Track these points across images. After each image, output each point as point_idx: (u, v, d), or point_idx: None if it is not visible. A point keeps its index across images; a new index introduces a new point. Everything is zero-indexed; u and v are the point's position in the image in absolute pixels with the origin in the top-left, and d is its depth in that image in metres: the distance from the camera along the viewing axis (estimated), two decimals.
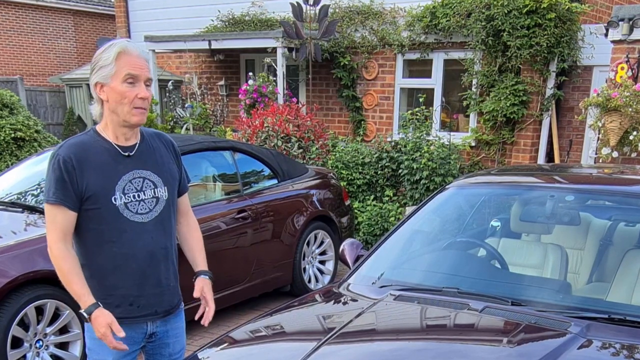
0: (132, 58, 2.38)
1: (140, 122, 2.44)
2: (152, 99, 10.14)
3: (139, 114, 2.41)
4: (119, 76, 2.36)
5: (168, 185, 2.56)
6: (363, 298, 2.71)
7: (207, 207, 5.10)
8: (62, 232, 2.39)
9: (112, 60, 2.36)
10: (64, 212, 2.37)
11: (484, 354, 2.21)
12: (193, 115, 9.93)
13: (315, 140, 8.31)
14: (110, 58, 2.37)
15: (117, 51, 2.37)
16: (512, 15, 7.84)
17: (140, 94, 2.38)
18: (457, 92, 9.01)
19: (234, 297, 5.28)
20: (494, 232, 3.41)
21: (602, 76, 7.74)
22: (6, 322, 3.83)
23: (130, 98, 2.37)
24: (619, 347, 2.18)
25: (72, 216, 2.39)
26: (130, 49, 2.40)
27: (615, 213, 3.22)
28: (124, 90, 2.37)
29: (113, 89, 2.38)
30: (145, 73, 2.40)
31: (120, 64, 2.36)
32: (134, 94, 2.38)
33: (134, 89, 2.38)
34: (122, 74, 2.36)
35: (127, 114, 2.40)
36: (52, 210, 2.39)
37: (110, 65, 2.37)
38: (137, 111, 2.40)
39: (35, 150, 8.70)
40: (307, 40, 8.96)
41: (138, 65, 2.39)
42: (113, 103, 2.40)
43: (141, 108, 2.41)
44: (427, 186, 7.48)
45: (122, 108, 2.39)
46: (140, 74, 2.38)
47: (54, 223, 2.39)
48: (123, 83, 2.36)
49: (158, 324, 2.60)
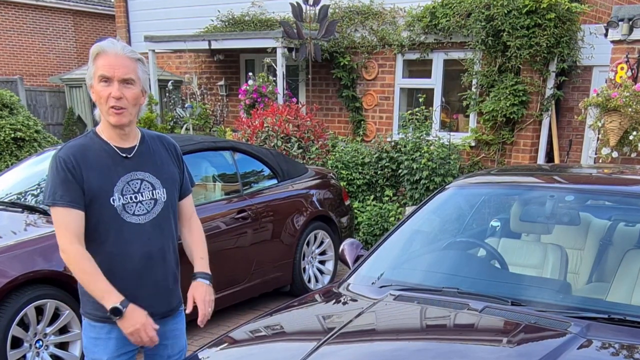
0: (108, 58, 2.36)
1: (117, 122, 2.40)
2: (152, 99, 10.17)
3: (114, 114, 2.38)
4: (96, 76, 2.37)
5: (167, 187, 2.56)
6: (363, 298, 2.71)
7: (207, 207, 5.10)
8: (75, 234, 2.37)
9: (92, 60, 2.39)
10: (75, 213, 2.37)
11: (484, 354, 2.21)
12: (193, 115, 9.93)
13: (315, 140, 8.31)
14: (90, 59, 2.40)
15: (94, 52, 2.38)
16: (512, 16, 7.84)
17: (113, 93, 2.35)
18: (456, 92, 9.01)
19: (233, 297, 5.28)
20: (494, 232, 3.41)
21: (601, 76, 7.74)
22: (6, 322, 3.83)
23: (105, 97, 2.36)
24: (618, 347, 2.18)
25: (82, 216, 2.39)
26: (108, 48, 2.37)
27: (615, 213, 3.22)
28: (99, 90, 2.37)
29: (94, 89, 2.40)
30: (118, 73, 2.35)
31: (97, 64, 2.37)
32: (107, 93, 2.36)
33: (107, 89, 2.36)
34: (97, 74, 2.37)
35: (106, 114, 2.41)
36: (61, 213, 2.37)
37: (91, 66, 2.39)
38: (112, 111, 2.38)
39: (35, 150, 8.69)
40: (306, 41, 8.97)
41: (111, 65, 2.35)
42: (97, 103, 2.42)
43: (115, 107, 2.37)
44: (427, 186, 7.48)
45: (101, 107, 2.41)
46: (112, 75, 2.35)
47: (65, 226, 2.36)
48: (99, 83, 2.37)
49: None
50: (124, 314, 2.36)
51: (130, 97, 2.39)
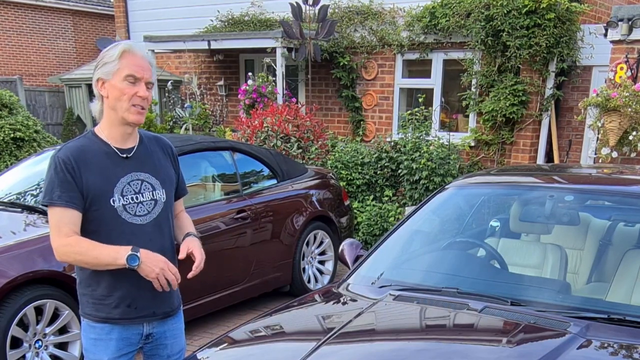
0: (136, 58, 2.40)
1: (137, 121, 2.44)
2: (151, 100, 10.17)
3: (136, 113, 2.41)
4: (120, 74, 2.37)
5: (166, 188, 2.57)
6: (362, 298, 2.71)
7: (207, 207, 5.10)
8: (72, 230, 2.37)
9: (117, 57, 2.38)
10: (71, 213, 2.37)
11: (484, 354, 2.21)
12: (192, 115, 9.93)
13: (314, 140, 8.31)
14: (115, 55, 2.39)
15: (122, 49, 2.39)
16: (512, 16, 7.85)
17: (140, 93, 2.39)
18: (456, 92, 9.01)
19: (233, 297, 5.28)
20: (494, 232, 3.41)
21: (601, 76, 7.74)
22: (5, 322, 3.83)
23: (130, 95, 2.38)
24: (618, 347, 2.18)
25: (79, 216, 2.39)
26: (136, 49, 2.42)
27: (615, 213, 3.22)
28: (123, 87, 2.38)
29: (113, 86, 2.39)
30: (146, 75, 2.41)
31: (123, 62, 2.38)
32: (134, 92, 2.38)
33: (134, 87, 2.39)
34: (124, 73, 2.37)
35: (126, 111, 2.41)
36: (59, 213, 2.37)
37: (114, 62, 2.38)
38: (135, 109, 2.40)
39: (34, 150, 8.69)
40: (306, 41, 8.96)
41: (141, 66, 2.40)
42: (112, 100, 2.40)
43: (139, 106, 2.41)
44: (427, 186, 7.48)
45: (120, 105, 2.40)
46: (141, 76, 2.39)
47: (60, 225, 2.37)
48: (123, 81, 2.38)
49: (155, 325, 2.59)
50: (140, 260, 2.35)
51: (149, 99, 2.46)
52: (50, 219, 2.40)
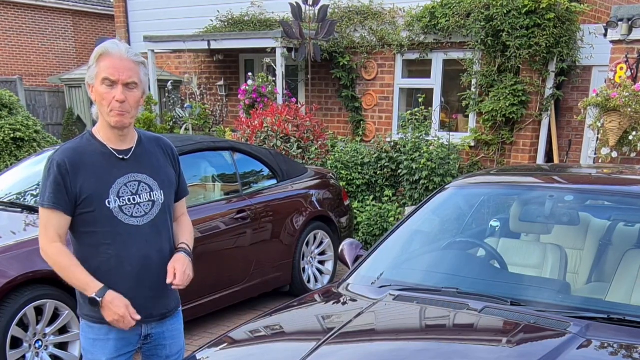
0: (112, 60, 2.36)
1: (118, 123, 2.40)
2: (151, 99, 10.17)
3: (116, 116, 2.39)
4: (99, 78, 2.37)
5: (164, 189, 2.56)
6: (362, 298, 2.71)
7: (207, 207, 5.10)
8: (57, 234, 2.40)
9: (94, 61, 2.38)
10: (59, 215, 2.39)
11: (484, 354, 2.21)
12: (192, 115, 9.93)
13: (314, 140, 8.31)
14: (93, 59, 2.39)
15: (98, 53, 2.38)
16: (511, 16, 7.85)
17: (117, 97, 2.35)
18: (456, 92, 9.01)
19: (233, 297, 5.28)
20: (493, 232, 3.41)
21: (601, 76, 7.74)
22: (5, 322, 3.83)
23: (108, 100, 2.36)
24: (618, 347, 2.18)
25: (66, 220, 2.41)
26: (112, 50, 2.37)
27: (615, 213, 3.22)
28: (102, 91, 2.37)
29: (96, 90, 2.39)
30: (123, 77, 2.35)
31: (101, 65, 2.36)
32: (112, 96, 2.36)
33: (111, 91, 2.36)
34: (101, 76, 2.36)
35: (107, 116, 2.40)
36: (46, 214, 2.40)
37: (93, 66, 2.38)
38: (114, 113, 2.38)
39: (34, 150, 8.68)
40: (306, 41, 8.97)
41: (116, 68, 2.35)
42: (98, 104, 2.42)
43: (118, 110, 2.38)
44: (427, 186, 7.48)
45: (102, 109, 2.41)
46: (117, 78, 2.35)
47: (47, 226, 2.41)
48: (102, 85, 2.36)
49: (153, 325, 2.59)
50: (101, 304, 2.38)
51: (132, 101, 2.40)
52: (40, 218, 2.45)
